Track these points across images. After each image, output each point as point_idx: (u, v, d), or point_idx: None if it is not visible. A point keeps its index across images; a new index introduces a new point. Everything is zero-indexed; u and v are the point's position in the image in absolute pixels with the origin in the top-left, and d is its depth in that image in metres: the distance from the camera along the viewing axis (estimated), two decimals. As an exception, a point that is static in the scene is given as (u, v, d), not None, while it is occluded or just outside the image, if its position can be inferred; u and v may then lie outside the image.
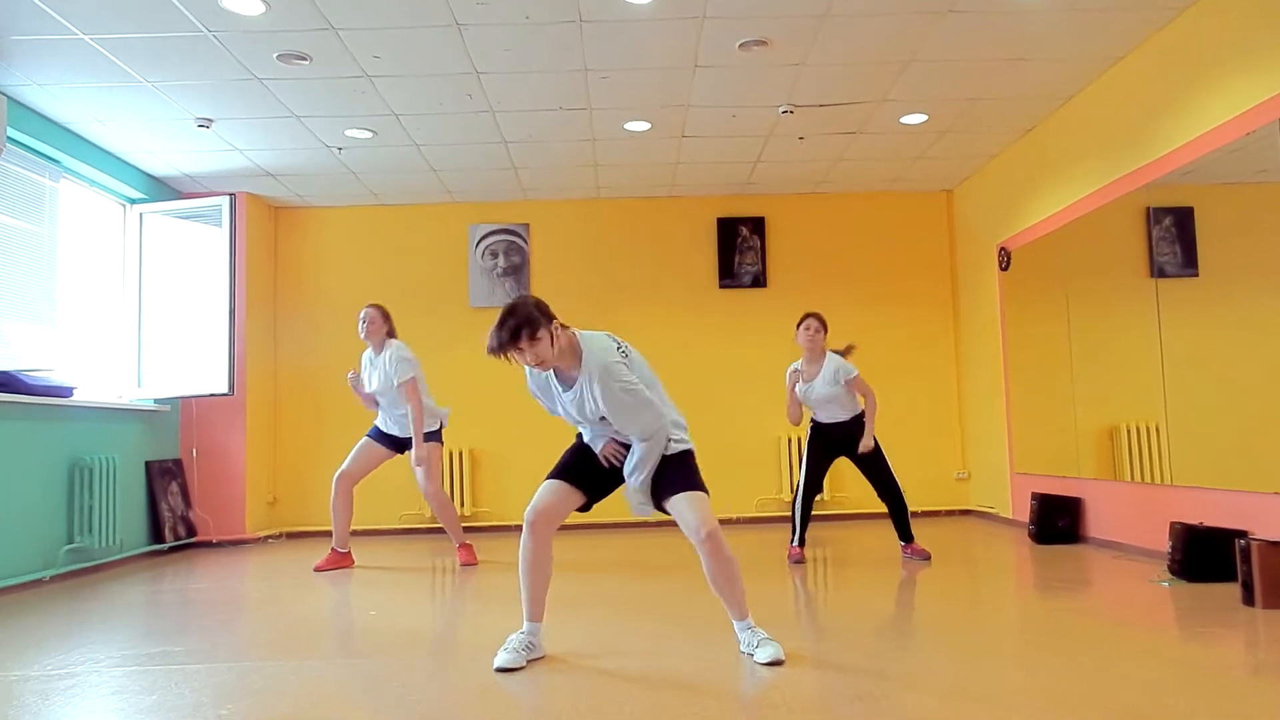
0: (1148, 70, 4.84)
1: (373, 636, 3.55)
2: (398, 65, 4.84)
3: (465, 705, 2.53)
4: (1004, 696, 2.51)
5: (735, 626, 3.01)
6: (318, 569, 5.30)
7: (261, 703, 2.61)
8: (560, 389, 2.92)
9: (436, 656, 3.14)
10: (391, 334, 5.37)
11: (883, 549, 5.57)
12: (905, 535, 5.13)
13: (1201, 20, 4.40)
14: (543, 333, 2.72)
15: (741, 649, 2.98)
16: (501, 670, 2.85)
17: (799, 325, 5.13)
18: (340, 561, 5.40)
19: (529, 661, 2.94)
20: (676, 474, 2.93)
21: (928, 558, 5.05)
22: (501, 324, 2.70)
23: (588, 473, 3.03)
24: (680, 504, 2.88)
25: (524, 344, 2.70)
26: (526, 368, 2.85)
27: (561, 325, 2.83)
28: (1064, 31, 4.66)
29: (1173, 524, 4.24)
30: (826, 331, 5.10)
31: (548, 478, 2.99)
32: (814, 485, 5.22)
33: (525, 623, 3.02)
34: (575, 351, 2.85)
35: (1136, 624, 3.36)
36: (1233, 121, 4.16)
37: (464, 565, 5.40)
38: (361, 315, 5.34)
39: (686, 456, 2.99)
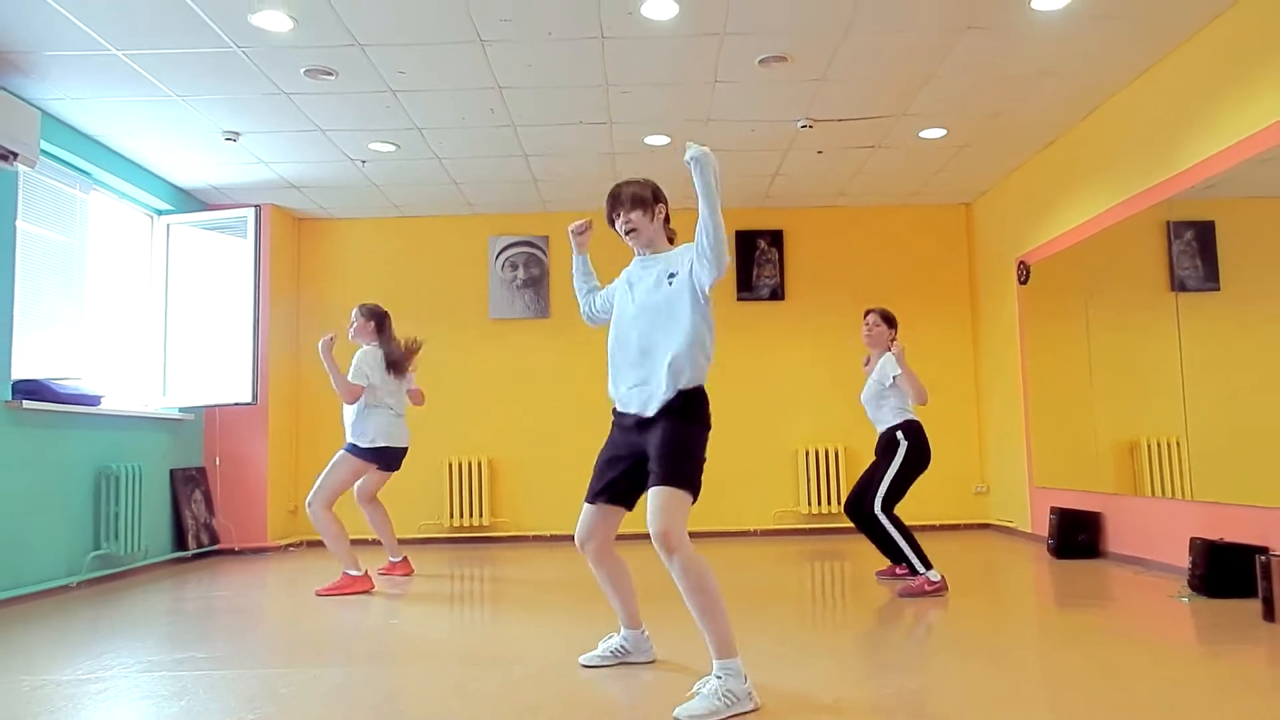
0: (1169, 85, 4.84)
1: (396, 645, 3.59)
2: (422, 80, 4.91)
3: (490, 713, 2.56)
4: (1020, 713, 2.51)
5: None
6: (384, 572, 5.47)
7: (288, 708, 2.66)
8: (639, 276, 2.91)
9: (461, 666, 3.17)
10: (383, 335, 5.18)
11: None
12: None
13: (1222, 35, 4.41)
14: (644, 212, 2.88)
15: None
16: (584, 665, 3.06)
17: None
18: (394, 569, 5.52)
19: (620, 663, 3.05)
20: (662, 454, 2.68)
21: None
22: (617, 188, 2.91)
23: (620, 483, 2.89)
24: (650, 497, 2.68)
25: (621, 210, 2.87)
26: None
27: (667, 218, 2.96)
28: (1085, 47, 4.67)
29: (1193, 539, 4.22)
30: (890, 327, 4.81)
31: (585, 500, 2.95)
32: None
33: (621, 629, 3.12)
34: (668, 240, 2.96)
35: (1156, 640, 3.36)
36: (1255, 136, 4.16)
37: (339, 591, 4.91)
38: (351, 317, 5.25)
39: (691, 420, 2.72)
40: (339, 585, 4.87)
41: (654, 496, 2.65)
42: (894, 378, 4.58)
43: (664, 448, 2.68)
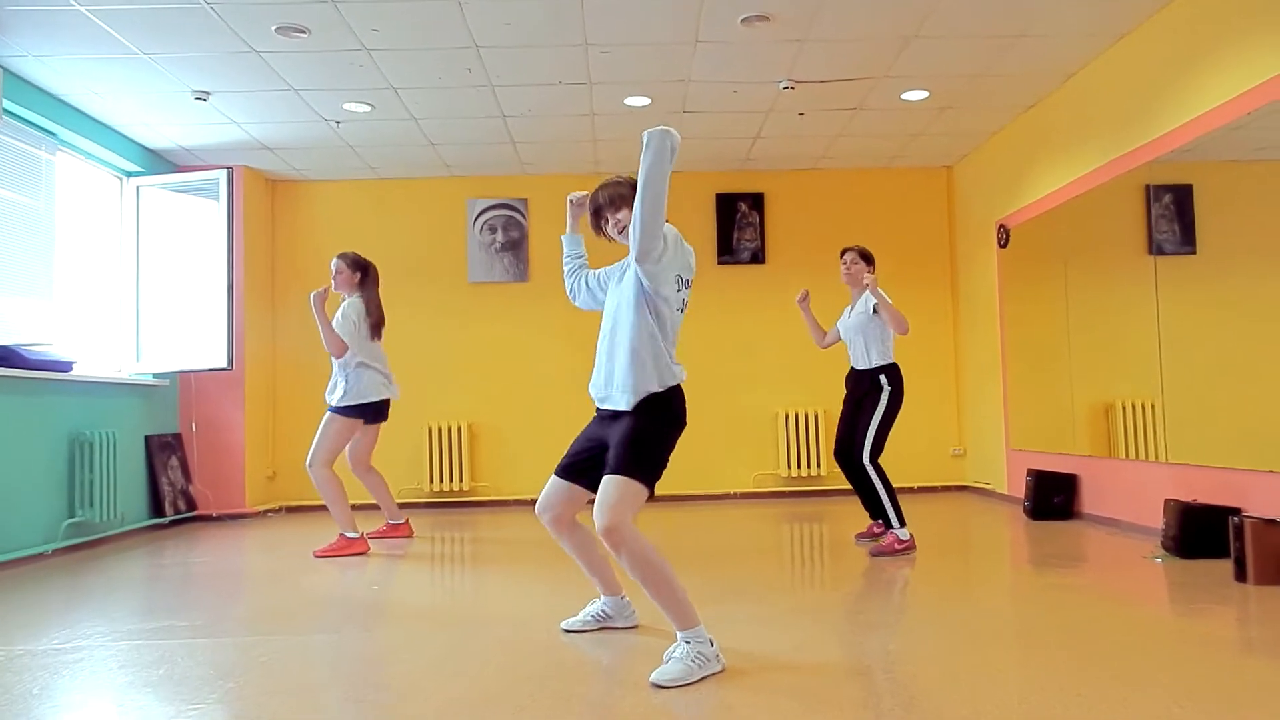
0: (1149, 49, 4.82)
1: (378, 610, 3.58)
2: (397, 39, 4.80)
3: (475, 677, 2.57)
4: (994, 672, 2.55)
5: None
6: (378, 535, 5.45)
7: (269, 675, 2.65)
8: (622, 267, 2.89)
9: (443, 631, 3.17)
10: (367, 284, 5.07)
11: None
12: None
13: (1202, 1, 4.39)
14: (624, 209, 2.82)
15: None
16: (565, 630, 3.08)
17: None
18: (395, 531, 5.51)
19: (602, 628, 3.07)
20: (621, 442, 2.66)
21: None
22: (595, 196, 2.89)
23: (587, 464, 2.86)
24: (602, 486, 2.66)
25: (607, 213, 2.85)
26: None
27: None
28: (1066, 8, 4.63)
29: (1167, 501, 4.28)
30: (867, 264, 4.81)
31: (554, 472, 2.95)
32: None
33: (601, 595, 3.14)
34: None
35: (1129, 600, 3.41)
36: (1233, 101, 4.15)
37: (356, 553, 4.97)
38: (331, 266, 5.09)
39: (657, 417, 2.69)
40: (336, 547, 4.88)
41: (605, 486, 2.62)
42: (874, 307, 4.64)
43: (625, 438, 2.66)
